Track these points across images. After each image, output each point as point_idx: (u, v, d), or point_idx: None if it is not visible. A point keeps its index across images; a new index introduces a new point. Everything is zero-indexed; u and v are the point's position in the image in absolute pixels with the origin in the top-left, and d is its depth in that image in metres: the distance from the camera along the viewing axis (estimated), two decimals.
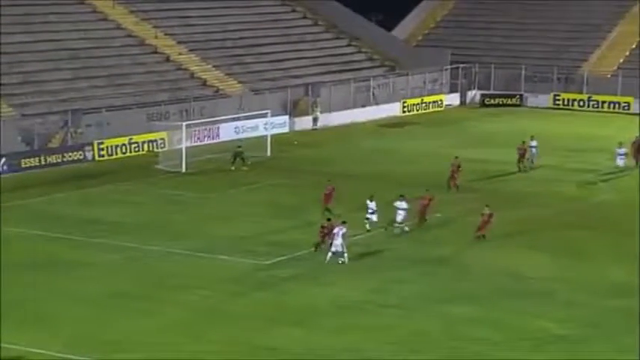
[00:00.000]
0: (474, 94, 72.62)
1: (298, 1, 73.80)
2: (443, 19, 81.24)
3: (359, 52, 72.42)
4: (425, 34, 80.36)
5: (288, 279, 32.39)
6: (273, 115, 56.57)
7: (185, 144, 49.42)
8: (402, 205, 37.30)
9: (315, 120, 61.96)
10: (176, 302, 29.96)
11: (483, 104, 71.39)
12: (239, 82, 62.64)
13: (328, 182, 40.24)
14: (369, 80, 67.12)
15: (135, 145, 53.11)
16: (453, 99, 71.55)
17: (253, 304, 29.95)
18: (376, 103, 66.47)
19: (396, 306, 29.89)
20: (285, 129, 59.16)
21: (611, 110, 68.70)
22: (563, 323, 28.56)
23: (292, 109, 61.66)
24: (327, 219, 35.58)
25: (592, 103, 69.76)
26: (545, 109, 69.53)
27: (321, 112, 62.19)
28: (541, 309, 29.66)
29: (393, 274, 32.89)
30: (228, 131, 56.05)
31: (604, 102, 69.39)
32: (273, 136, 54.39)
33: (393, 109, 66.84)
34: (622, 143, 47.77)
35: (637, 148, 49.40)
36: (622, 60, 72.25)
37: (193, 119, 54.25)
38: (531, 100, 71.04)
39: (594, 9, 76.72)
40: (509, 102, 71.25)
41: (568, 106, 70.16)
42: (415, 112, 67.78)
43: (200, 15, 67.49)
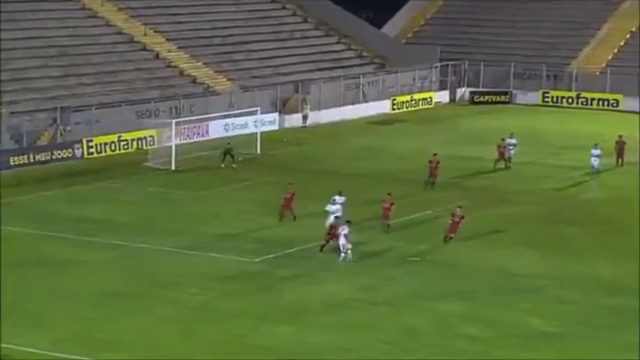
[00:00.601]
0: (464, 92, 72.75)
1: None
2: (432, 17, 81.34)
3: (349, 49, 72.44)
4: (415, 31, 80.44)
5: (278, 277, 32.41)
6: (262, 112, 56.55)
7: (174, 141, 49.37)
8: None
9: (304, 117, 61.96)
10: (167, 300, 29.96)
11: (473, 101, 71.52)
12: (229, 80, 62.59)
13: (290, 185, 39.19)
14: (358, 78, 67.17)
15: (124, 142, 53.03)
16: (443, 96, 71.65)
17: (244, 302, 29.96)
18: (366, 101, 66.52)
19: (387, 303, 29.95)
20: (274, 126, 59.15)
21: (600, 107, 68.91)
22: (552, 320, 28.66)
23: (282, 107, 61.67)
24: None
25: (581, 101, 69.95)
26: (534, 107, 69.68)
27: (310, 109, 62.20)
28: (530, 306, 29.77)
29: (383, 272, 32.94)
30: (217, 129, 56.02)
31: (593, 99, 69.60)
32: (263, 133, 54.38)
33: (382, 107, 66.89)
34: (597, 144, 47.85)
35: (619, 148, 49.51)
36: (610, 57, 72.46)
37: (183, 117, 54.21)
38: (520, 97, 71.19)
39: (583, 6, 76.89)
40: (498, 99, 71.39)
41: (557, 103, 70.33)
42: (405, 110, 67.84)
43: (189, 12, 67.36)
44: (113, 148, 52.51)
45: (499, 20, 78.04)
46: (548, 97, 70.87)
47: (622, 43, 73.34)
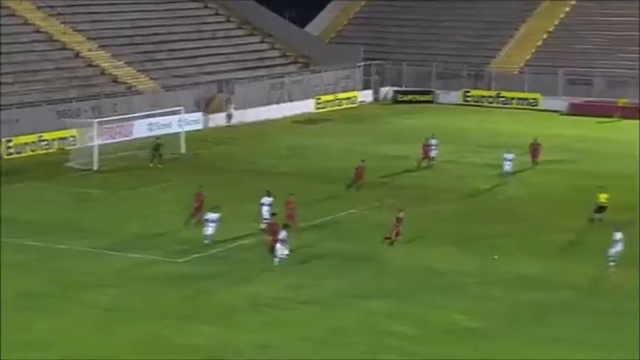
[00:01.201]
0: (387, 91, 73.27)
1: None
2: (355, 16, 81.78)
3: (272, 48, 72.39)
4: (338, 31, 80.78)
5: (203, 277, 32.21)
6: (186, 112, 56.15)
7: (97, 141, 48.73)
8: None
9: (229, 117, 61.73)
10: (89, 301, 29.56)
11: (396, 101, 72.09)
12: (151, 79, 62.04)
13: (200, 187, 38.22)
14: (283, 77, 67.15)
15: (45, 142, 52.18)
16: (366, 95, 72.08)
17: (168, 302, 29.70)
18: (291, 100, 66.55)
19: (314, 302, 29.96)
20: (199, 126, 58.74)
21: (519, 106, 70.07)
22: (475, 316, 29.01)
23: (205, 106, 61.32)
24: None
25: (501, 100, 71.05)
26: (456, 106, 70.54)
27: (235, 108, 61.99)
28: (454, 303, 30.09)
29: (310, 271, 32.97)
30: (141, 129, 55.38)
31: (512, 98, 70.74)
32: (188, 133, 54.01)
33: (307, 106, 67.01)
34: (509, 148, 48.55)
35: (534, 149, 50.32)
36: (529, 57, 73.71)
37: (105, 116, 53.52)
38: (442, 96, 72.01)
39: (503, 6, 78.10)
40: (421, 98, 72.10)
41: (478, 102, 71.30)
42: (329, 109, 68.07)
43: (109, 10, 66.58)
44: (34, 149, 51.63)
45: (421, 20, 78.81)
46: (469, 97, 71.80)
47: (540, 43, 74.68)
